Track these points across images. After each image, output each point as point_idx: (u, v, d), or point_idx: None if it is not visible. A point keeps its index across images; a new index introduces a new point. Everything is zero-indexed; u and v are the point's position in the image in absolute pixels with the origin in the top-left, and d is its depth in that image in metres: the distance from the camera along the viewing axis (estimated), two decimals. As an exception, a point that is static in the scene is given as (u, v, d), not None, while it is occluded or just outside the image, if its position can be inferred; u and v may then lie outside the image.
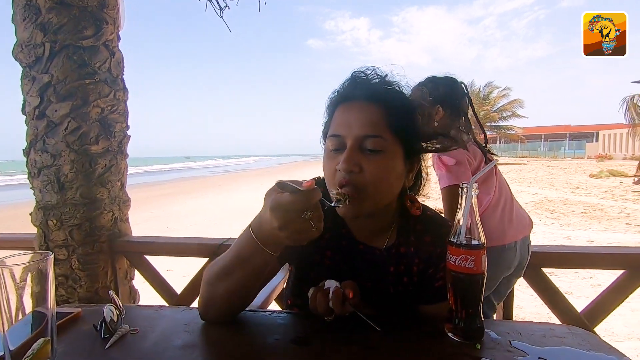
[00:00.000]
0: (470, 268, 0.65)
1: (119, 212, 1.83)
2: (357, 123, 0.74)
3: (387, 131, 0.74)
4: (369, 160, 0.73)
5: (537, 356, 0.62)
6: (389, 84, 0.79)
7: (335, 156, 0.75)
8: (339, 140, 0.75)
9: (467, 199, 0.68)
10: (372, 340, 0.67)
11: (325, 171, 0.79)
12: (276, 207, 0.60)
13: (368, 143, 0.73)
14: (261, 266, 0.70)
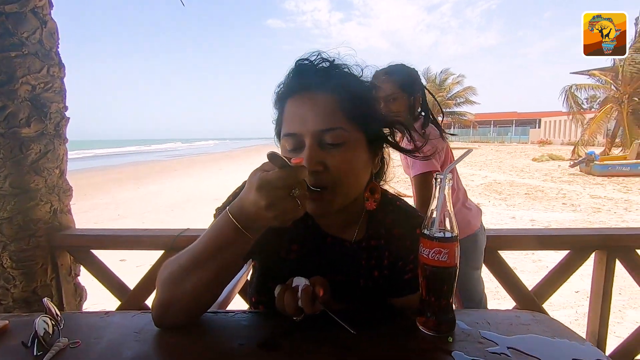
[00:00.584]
0: (444, 261, 0.64)
1: (58, 202, 1.64)
2: (311, 117, 0.68)
3: (345, 120, 0.69)
4: (332, 156, 0.68)
5: (506, 346, 0.63)
6: (338, 68, 0.73)
7: (295, 157, 0.69)
8: (295, 139, 0.69)
9: (441, 190, 0.65)
10: (345, 340, 0.64)
11: None
12: (264, 185, 0.56)
13: (327, 137, 0.68)
14: (238, 255, 0.65)
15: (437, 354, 0.61)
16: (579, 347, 0.63)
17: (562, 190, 9.65)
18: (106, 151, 39.07)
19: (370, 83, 0.75)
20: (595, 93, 19.57)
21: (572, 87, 18.97)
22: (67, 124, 1.70)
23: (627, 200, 8.20)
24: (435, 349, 0.62)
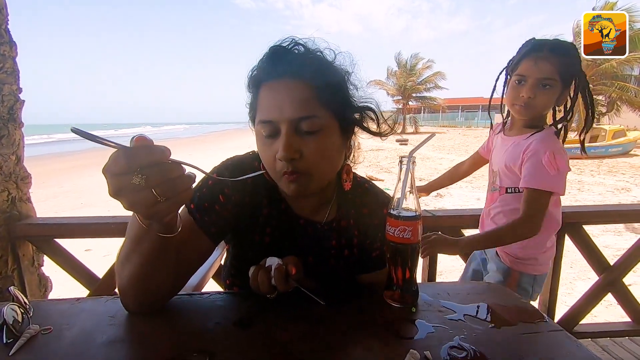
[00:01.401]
0: (408, 238, 0.68)
1: (16, 190, 1.56)
2: (287, 105, 0.68)
3: (321, 108, 0.70)
4: (308, 143, 0.69)
5: (463, 312, 0.69)
6: (312, 54, 0.73)
7: (271, 143, 0.70)
8: (271, 125, 0.70)
9: (406, 171, 0.69)
10: (318, 315, 0.68)
11: (262, 158, 0.74)
12: (103, 169, 0.48)
13: (303, 125, 0.69)
14: (156, 246, 0.61)
15: (403, 323, 0.66)
16: (526, 310, 0.70)
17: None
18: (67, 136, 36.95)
19: (342, 69, 0.76)
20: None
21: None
22: (22, 107, 1.60)
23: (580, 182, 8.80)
24: (401, 319, 0.67)
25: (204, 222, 0.74)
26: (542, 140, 1.14)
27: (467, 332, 0.63)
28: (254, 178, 0.79)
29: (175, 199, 0.50)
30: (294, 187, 0.71)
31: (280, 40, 0.73)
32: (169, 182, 0.48)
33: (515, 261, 1.26)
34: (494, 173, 1.33)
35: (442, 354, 0.57)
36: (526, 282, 1.26)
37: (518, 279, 1.26)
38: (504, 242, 1.20)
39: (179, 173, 0.49)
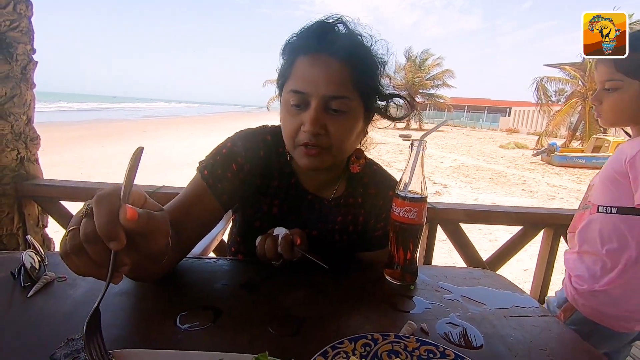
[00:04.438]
0: (413, 219, 0.71)
1: (25, 151, 1.58)
2: (323, 81, 0.70)
3: (353, 91, 0.72)
4: (334, 121, 0.71)
5: (459, 294, 0.72)
6: (355, 37, 0.75)
7: (297, 113, 0.72)
8: (302, 97, 0.71)
9: (416, 154, 0.71)
10: (320, 284, 0.71)
11: (284, 125, 0.75)
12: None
13: (333, 103, 0.70)
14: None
15: (401, 298, 0.69)
16: (519, 297, 0.73)
17: (522, 177, 10.23)
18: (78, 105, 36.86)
19: (379, 57, 0.77)
20: (563, 87, 20.39)
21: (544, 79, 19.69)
22: (35, 68, 1.61)
23: (579, 190, 8.84)
24: (399, 295, 0.70)
25: (217, 188, 0.76)
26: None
27: (462, 311, 0.66)
28: (267, 150, 0.82)
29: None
30: (310, 161, 0.73)
31: (326, 16, 0.74)
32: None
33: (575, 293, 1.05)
34: (589, 188, 1.10)
35: (438, 327, 0.60)
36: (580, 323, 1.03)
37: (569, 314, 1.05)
38: None
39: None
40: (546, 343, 0.58)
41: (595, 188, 1.05)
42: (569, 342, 0.60)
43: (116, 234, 0.40)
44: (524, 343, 0.58)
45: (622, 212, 0.96)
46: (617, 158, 0.98)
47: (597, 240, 1.01)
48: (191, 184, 0.78)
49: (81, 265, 0.42)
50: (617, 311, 1.00)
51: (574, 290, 1.05)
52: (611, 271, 0.98)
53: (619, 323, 1.01)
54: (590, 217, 1.04)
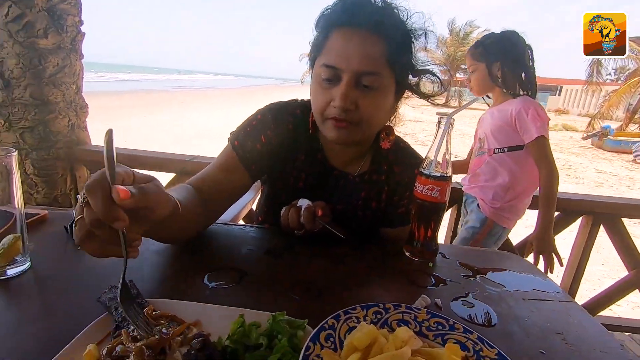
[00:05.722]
0: (435, 197, 0.71)
1: (75, 118, 1.70)
2: (356, 56, 0.69)
3: (386, 67, 0.71)
4: (364, 97, 0.71)
5: (479, 274, 0.72)
6: (391, 11, 0.72)
7: (328, 87, 0.72)
8: (334, 71, 0.70)
9: (443, 132, 0.70)
10: (341, 255, 0.74)
11: (314, 99, 0.76)
12: None
13: (365, 79, 0.70)
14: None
15: (418, 274, 0.70)
16: (541, 281, 0.72)
17: (568, 162, 9.60)
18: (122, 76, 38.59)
19: (414, 31, 0.75)
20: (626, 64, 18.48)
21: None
22: (83, 40, 1.70)
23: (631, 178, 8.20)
24: (417, 271, 0.71)
25: (246, 158, 0.80)
26: (523, 102, 1.41)
27: (480, 290, 0.66)
28: (296, 125, 0.83)
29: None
30: (339, 134, 0.73)
31: None
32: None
33: (493, 211, 1.50)
34: (480, 140, 1.59)
35: (452, 304, 0.61)
36: (495, 232, 1.52)
37: (491, 227, 1.52)
38: (554, 199, 1.42)
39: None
40: (563, 327, 0.58)
41: (487, 138, 1.53)
42: (589, 329, 0.59)
43: (116, 215, 0.42)
44: (539, 325, 0.58)
45: (511, 150, 1.47)
46: (501, 115, 1.46)
47: (496, 173, 1.51)
48: (222, 153, 0.82)
49: (97, 249, 0.46)
50: (513, 215, 1.52)
51: (491, 209, 1.50)
52: (508, 191, 1.49)
53: (511, 223, 1.54)
54: (488, 159, 1.53)
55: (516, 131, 1.43)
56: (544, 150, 1.40)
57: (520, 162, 1.47)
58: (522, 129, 1.41)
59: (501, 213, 1.50)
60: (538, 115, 1.39)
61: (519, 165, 1.47)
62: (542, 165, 1.41)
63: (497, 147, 1.50)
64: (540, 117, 1.39)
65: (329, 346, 0.43)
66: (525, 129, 1.40)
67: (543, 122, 1.39)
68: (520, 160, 1.47)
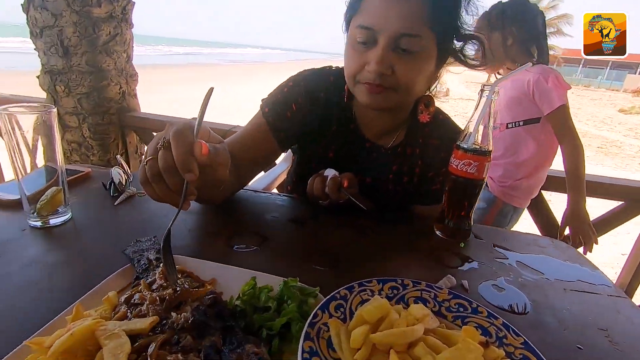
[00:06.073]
0: (472, 173, 0.65)
1: (126, 86, 1.79)
2: (394, 17, 0.63)
3: (426, 29, 0.64)
4: (402, 61, 0.65)
5: (515, 259, 0.66)
6: None
7: (363, 51, 0.67)
8: (370, 33, 0.65)
9: (485, 102, 0.63)
10: (365, 228, 0.71)
11: (348, 63, 0.71)
12: None
13: (404, 42, 0.64)
14: None
15: (447, 254, 0.66)
16: (588, 272, 0.65)
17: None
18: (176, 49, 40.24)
19: None
20: None
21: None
22: (133, 9, 1.75)
23: None
24: (446, 250, 0.67)
25: (275, 126, 0.78)
26: (542, 70, 1.30)
27: (514, 276, 0.61)
28: (329, 93, 0.80)
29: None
30: (372, 99, 0.69)
31: None
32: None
33: (502, 189, 1.44)
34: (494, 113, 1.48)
35: (480, 287, 0.57)
36: (506, 213, 1.46)
37: (500, 207, 1.45)
38: (583, 173, 1.31)
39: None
40: (608, 324, 0.52)
41: (500, 112, 1.43)
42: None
43: (192, 166, 0.44)
44: (579, 319, 0.52)
45: (527, 123, 1.37)
46: (516, 86, 1.36)
47: (507, 149, 1.42)
48: (252, 120, 0.81)
49: (159, 192, 0.48)
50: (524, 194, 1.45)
51: (500, 187, 1.44)
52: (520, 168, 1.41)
53: (523, 202, 1.47)
54: (499, 134, 1.44)
55: (533, 102, 1.33)
56: (566, 121, 1.30)
57: (536, 136, 1.38)
58: (541, 99, 1.31)
59: (511, 192, 1.44)
60: (559, 83, 1.29)
61: (535, 140, 1.38)
62: (564, 137, 1.31)
63: (511, 122, 1.41)
64: (562, 85, 1.29)
65: (339, 316, 0.42)
66: (546, 98, 1.30)
67: (564, 90, 1.30)
68: (537, 134, 1.38)
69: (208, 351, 0.34)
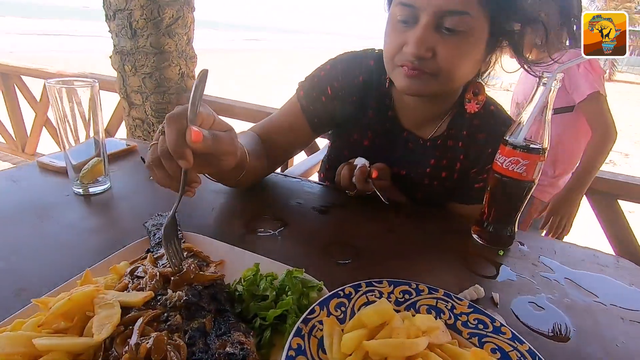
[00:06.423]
0: (518, 173, 0.57)
1: (185, 67, 1.88)
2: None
3: (476, 5, 0.57)
4: (446, 43, 0.58)
5: (564, 276, 0.57)
6: None
7: (403, 30, 0.61)
8: (410, 10, 0.59)
9: (544, 92, 0.54)
10: (393, 223, 0.67)
11: (386, 43, 0.65)
12: None
13: (448, 20, 0.57)
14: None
15: (481, 260, 0.59)
16: (658, 302, 0.54)
17: None
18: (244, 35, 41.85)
19: None
20: None
21: None
22: (195, -7, 1.82)
23: None
24: (481, 256, 0.60)
25: (309, 110, 0.76)
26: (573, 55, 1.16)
27: (559, 295, 0.53)
28: (367, 77, 0.75)
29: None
30: (410, 84, 0.62)
31: None
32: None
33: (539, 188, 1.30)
34: (518, 106, 1.38)
35: (514, 303, 0.50)
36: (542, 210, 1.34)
37: (539, 207, 1.34)
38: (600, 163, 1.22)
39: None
40: (675, 368, 0.42)
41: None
42: None
43: (184, 153, 0.42)
44: (635, 356, 0.43)
45: (559, 112, 1.25)
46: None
47: None
48: (287, 103, 0.80)
49: (160, 177, 0.48)
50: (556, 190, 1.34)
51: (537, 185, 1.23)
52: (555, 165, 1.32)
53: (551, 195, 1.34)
54: None
55: (564, 89, 1.23)
56: (600, 108, 1.19)
57: (569, 126, 1.27)
58: (572, 86, 1.22)
59: (548, 189, 1.34)
60: (592, 68, 1.19)
61: (568, 131, 1.28)
62: (597, 125, 1.21)
63: None
64: (595, 70, 1.20)
65: (338, 315, 0.39)
66: (577, 85, 1.21)
67: (598, 76, 1.20)
68: (570, 124, 1.27)
69: (193, 334, 0.34)
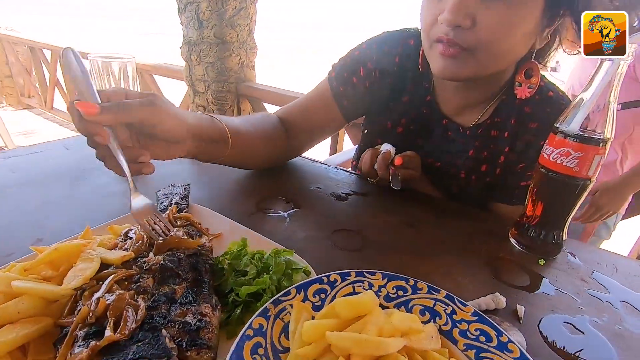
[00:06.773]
0: (569, 167, 0.47)
1: (245, 57, 1.95)
2: None
3: None
4: (488, 10, 0.50)
5: (621, 298, 0.47)
6: None
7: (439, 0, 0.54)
8: None
9: (610, 69, 0.44)
10: (415, 217, 0.61)
11: (422, 20, 0.58)
12: None
13: None
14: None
15: (514, 268, 0.51)
16: None
17: None
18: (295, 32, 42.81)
19: None
20: None
21: None
22: (259, -15, 1.87)
23: None
24: (515, 263, 0.52)
25: (339, 92, 0.72)
26: None
27: (610, 320, 0.43)
28: (404, 58, 0.69)
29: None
30: (445, 66, 0.55)
31: None
32: None
33: None
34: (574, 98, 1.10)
35: (545, 321, 0.42)
36: (610, 220, 1.22)
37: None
38: None
39: None
40: None
41: None
42: None
43: (91, 130, 0.41)
44: None
45: (628, 107, 1.12)
46: None
47: None
48: (318, 85, 0.77)
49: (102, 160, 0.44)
50: None
51: None
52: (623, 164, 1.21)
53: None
54: None
55: (635, 79, 1.08)
56: None
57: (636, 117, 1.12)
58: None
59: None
60: None
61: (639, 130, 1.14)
62: None
63: None
64: None
65: (315, 301, 0.36)
66: None
67: None
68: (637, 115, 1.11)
69: (159, 298, 0.33)
